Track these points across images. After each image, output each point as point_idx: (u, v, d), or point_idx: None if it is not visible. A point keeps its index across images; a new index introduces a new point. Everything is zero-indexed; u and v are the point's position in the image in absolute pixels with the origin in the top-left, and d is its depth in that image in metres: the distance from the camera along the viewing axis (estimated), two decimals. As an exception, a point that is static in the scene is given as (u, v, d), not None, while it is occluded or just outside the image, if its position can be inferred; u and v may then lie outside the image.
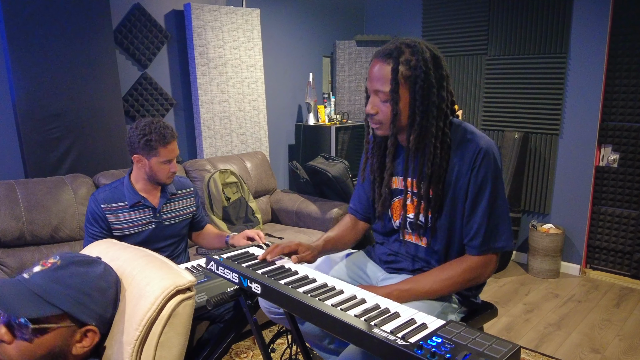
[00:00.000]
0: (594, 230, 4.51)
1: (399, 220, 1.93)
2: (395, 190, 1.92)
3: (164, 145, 2.45)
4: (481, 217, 1.73)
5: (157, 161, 2.47)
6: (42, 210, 3.02)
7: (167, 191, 2.66)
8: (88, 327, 1.30)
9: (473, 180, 1.72)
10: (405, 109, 1.70)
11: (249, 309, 1.82)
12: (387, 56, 1.69)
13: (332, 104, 5.24)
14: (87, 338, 1.31)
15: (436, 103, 1.70)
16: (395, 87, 1.67)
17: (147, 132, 2.43)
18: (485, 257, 1.77)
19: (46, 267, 1.31)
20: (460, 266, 1.77)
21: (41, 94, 3.25)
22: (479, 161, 1.71)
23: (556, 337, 3.49)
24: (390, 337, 1.15)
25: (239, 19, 4.40)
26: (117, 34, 3.74)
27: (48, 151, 3.33)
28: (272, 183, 4.56)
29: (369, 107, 1.77)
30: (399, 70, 1.66)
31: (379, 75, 1.70)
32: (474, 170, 1.71)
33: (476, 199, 1.73)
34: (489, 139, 1.77)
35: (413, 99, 1.68)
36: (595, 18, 4.20)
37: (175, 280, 1.35)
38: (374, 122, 1.79)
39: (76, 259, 1.35)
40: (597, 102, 4.29)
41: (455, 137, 1.77)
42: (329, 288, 1.48)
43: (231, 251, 1.83)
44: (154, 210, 2.61)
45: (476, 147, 1.72)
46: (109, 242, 1.74)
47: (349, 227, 2.16)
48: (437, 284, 1.75)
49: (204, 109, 4.22)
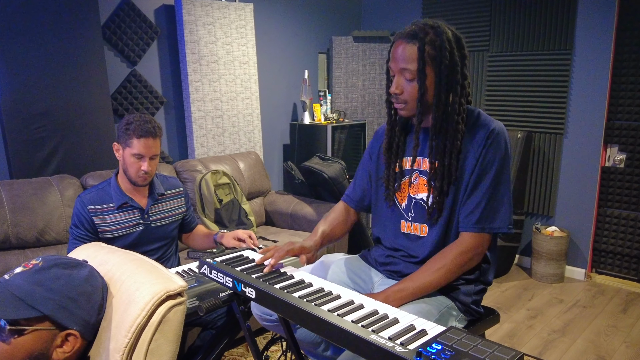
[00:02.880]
0: (599, 233, 4.52)
1: (404, 203, 1.96)
2: (406, 171, 1.98)
3: (138, 137, 2.45)
4: (482, 196, 1.80)
5: (130, 153, 2.48)
6: (28, 212, 3.02)
7: (155, 191, 2.66)
8: (69, 331, 1.30)
9: (481, 159, 1.80)
10: (431, 88, 1.79)
11: (242, 314, 1.82)
12: (411, 37, 1.76)
13: (328, 102, 5.24)
14: (68, 342, 1.30)
15: (460, 82, 1.80)
16: (422, 66, 1.74)
17: (130, 121, 2.47)
18: (479, 236, 1.82)
19: (27, 269, 1.30)
20: (452, 252, 1.81)
21: (26, 91, 3.24)
22: (490, 141, 1.79)
23: (561, 344, 3.50)
24: (388, 343, 1.15)
25: (232, 14, 4.40)
26: (106, 29, 3.72)
27: (34, 151, 3.32)
28: (266, 184, 4.56)
29: (393, 87, 1.84)
30: (425, 49, 1.73)
31: (405, 55, 1.77)
32: (483, 149, 1.79)
33: (480, 177, 1.80)
34: (500, 123, 1.86)
35: (439, 78, 1.77)
36: (601, 13, 4.21)
37: (166, 285, 1.35)
38: (399, 102, 1.86)
39: (60, 261, 1.35)
40: (603, 100, 4.30)
41: (469, 120, 1.86)
42: (325, 293, 1.48)
43: (225, 254, 1.83)
44: (141, 212, 2.61)
45: (488, 128, 1.81)
46: (96, 245, 1.73)
47: (342, 218, 2.22)
48: (430, 275, 1.79)
49: (195, 107, 4.22)
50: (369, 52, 5.38)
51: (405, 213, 1.97)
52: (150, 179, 2.60)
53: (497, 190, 1.80)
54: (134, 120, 2.46)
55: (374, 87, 5.43)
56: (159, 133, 2.53)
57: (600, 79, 4.29)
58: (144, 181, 2.56)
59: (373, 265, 2.10)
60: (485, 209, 1.79)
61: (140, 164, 2.49)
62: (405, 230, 1.97)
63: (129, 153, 2.47)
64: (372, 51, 5.38)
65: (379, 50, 5.37)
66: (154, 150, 2.51)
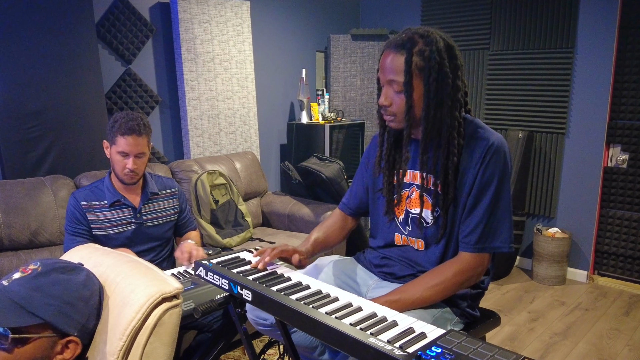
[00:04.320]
0: (602, 234, 4.53)
1: (402, 216, 1.94)
2: (404, 184, 1.94)
3: (123, 134, 2.47)
4: (481, 215, 1.75)
5: (115, 151, 2.51)
6: (21, 213, 3.02)
7: (147, 190, 2.69)
8: (70, 337, 1.30)
9: (480, 176, 1.74)
10: (419, 101, 1.73)
11: (239, 317, 1.82)
12: (399, 47, 1.72)
13: (326, 101, 5.24)
14: (69, 349, 1.31)
15: (451, 94, 1.73)
16: (408, 78, 1.69)
17: (117, 118, 2.50)
18: (479, 256, 1.78)
19: (26, 274, 1.31)
20: (451, 269, 1.78)
21: (19, 90, 3.24)
22: (488, 157, 1.73)
23: (562, 347, 3.50)
24: (387, 346, 1.15)
25: (228, 11, 4.40)
26: (100, 27, 3.73)
27: (27, 151, 3.32)
28: (262, 185, 4.56)
29: (382, 98, 1.80)
30: (413, 61, 1.69)
31: (392, 66, 1.73)
32: (482, 166, 1.74)
33: (479, 195, 1.75)
34: (500, 136, 1.79)
35: (427, 91, 1.71)
36: (603, 10, 4.22)
37: (161, 287, 1.36)
38: (388, 114, 1.82)
39: (57, 265, 1.35)
40: (605, 99, 4.31)
41: (467, 132, 1.80)
42: (323, 295, 1.48)
43: (221, 256, 1.83)
44: (134, 210, 2.64)
45: (487, 143, 1.75)
46: (91, 247, 1.74)
47: (338, 226, 2.20)
48: (427, 291, 1.76)
49: (191, 106, 4.22)
50: (368, 50, 5.38)
51: (402, 227, 1.95)
52: (139, 178, 2.63)
53: (497, 208, 1.75)
54: (120, 118, 2.49)
55: (372, 86, 5.42)
56: (145, 131, 2.54)
57: (602, 77, 4.30)
58: (131, 179, 2.58)
59: (367, 267, 2.10)
60: (485, 229, 1.75)
61: (126, 161, 2.52)
62: (401, 243, 1.96)
63: (115, 151, 2.52)
64: (370, 49, 5.38)
65: (377, 49, 5.37)
66: (140, 148, 2.53)
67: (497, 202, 1.75)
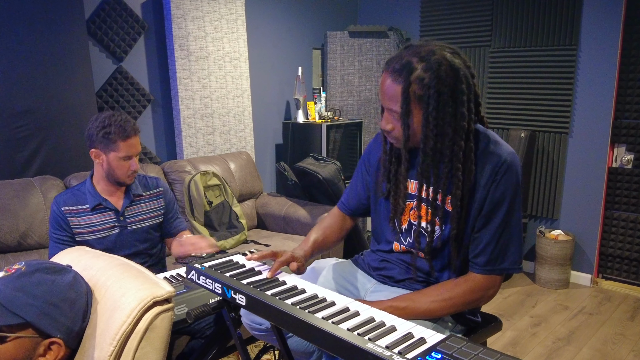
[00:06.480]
0: (606, 236, 4.54)
1: (404, 226, 1.93)
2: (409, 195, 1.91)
3: (124, 139, 2.46)
4: (491, 235, 1.73)
5: (116, 157, 2.48)
6: (9, 215, 3.01)
7: (131, 192, 2.66)
8: (53, 339, 1.30)
9: (491, 195, 1.71)
10: (418, 129, 1.69)
11: (233, 322, 1.82)
12: (397, 73, 1.65)
13: (323, 100, 5.24)
14: (52, 351, 1.31)
15: (452, 124, 1.66)
16: (406, 108, 1.65)
17: (106, 125, 2.44)
18: (489, 277, 1.76)
19: (9, 274, 1.31)
20: (462, 287, 1.77)
21: (7, 89, 3.23)
22: (500, 175, 1.69)
23: (566, 352, 3.51)
24: (385, 352, 1.15)
25: (222, 8, 4.40)
26: (90, 24, 3.72)
27: (15, 151, 3.31)
28: (257, 186, 4.56)
29: (383, 122, 1.76)
30: (410, 90, 1.63)
31: (390, 94, 1.68)
32: (493, 184, 1.70)
33: (490, 214, 1.72)
34: (512, 151, 1.75)
35: (426, 120, 1.65)
36: (607, 7, 4.22)
37: (153, 290, 1.35)
38: (391, 137, 1.79)
39: (43, 265, 1.35)
40: (609, 98, 4.32)
41: (478, 147, 1.75)
42: (319, 299, 1.48)
43: (214, 259, 1.82)
44: (117, 213, 2.61)
45: (499, 160, 1.70)
46: (80, 249, 1.73)
47: (336, 226, 2.19)
48: (435, 303, 1.75)
49: (184, 105, 4.22)
50: (366, 47, 5.38)
51: (404, 237, 1.93)
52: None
53: (507, 228, 1.72)
54: (112, 123, 2.45)
55: (370, 85, 5.43)
56: (139, 129, 2.56)
57: (607, 75, 4.31)
58: (133, 178, 2.61)
59: (366, 270, 2.09)
60: (495, 250, 1.73)
61: (130, 164, 2.52)
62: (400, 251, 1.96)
63: (116, 157, 2.48)
64: (368, 47, 5.38)
65: (375, 46, 5.37)
66: (139, 147, 2.56)
67: (507, 222, 1.73)
